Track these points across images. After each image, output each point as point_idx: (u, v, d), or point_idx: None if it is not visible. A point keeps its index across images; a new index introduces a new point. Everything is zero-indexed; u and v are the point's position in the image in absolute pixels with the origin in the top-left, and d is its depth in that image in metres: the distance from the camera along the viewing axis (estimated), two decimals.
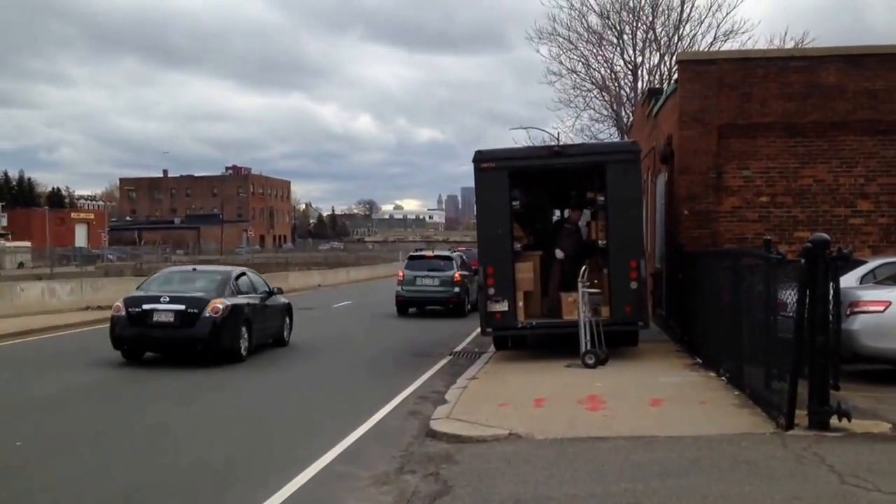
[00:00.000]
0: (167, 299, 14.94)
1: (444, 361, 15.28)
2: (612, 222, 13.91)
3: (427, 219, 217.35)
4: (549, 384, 11.43)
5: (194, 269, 17.65)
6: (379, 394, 11.64)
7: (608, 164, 14.03)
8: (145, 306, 14.83)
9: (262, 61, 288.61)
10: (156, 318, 14.76)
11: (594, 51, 38.35)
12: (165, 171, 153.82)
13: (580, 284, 13.28)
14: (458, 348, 17.17)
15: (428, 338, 19.44)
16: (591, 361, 12.84)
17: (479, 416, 9.39)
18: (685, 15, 36.57)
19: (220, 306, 14.87)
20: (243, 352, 15.29)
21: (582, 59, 38.71)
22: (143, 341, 15.13)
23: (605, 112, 39.53)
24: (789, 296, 8.84)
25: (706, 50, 33.05)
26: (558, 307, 14.43)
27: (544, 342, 15.47)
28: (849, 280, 11.75)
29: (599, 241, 14.45)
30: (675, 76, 17.30)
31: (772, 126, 15.93)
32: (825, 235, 8.66)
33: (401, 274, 26.25)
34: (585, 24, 38.01)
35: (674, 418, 9.03)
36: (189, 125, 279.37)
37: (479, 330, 15.37)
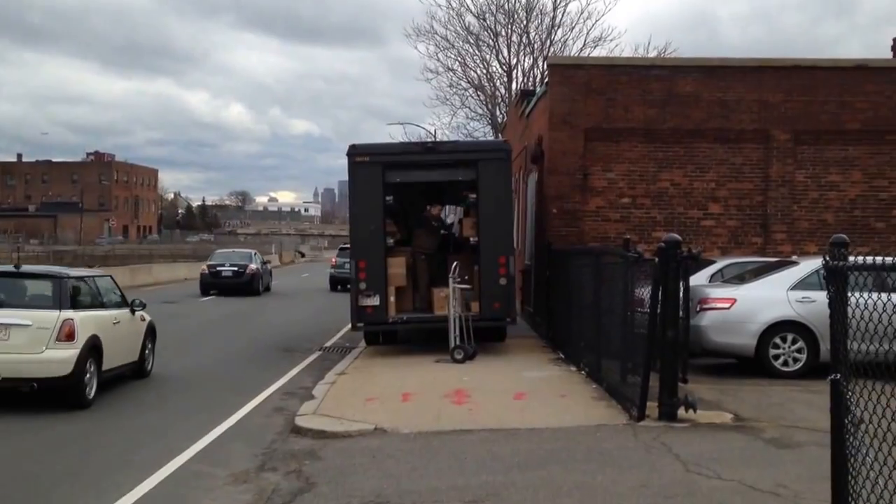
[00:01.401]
0: None
1: (313, 356, 15.21)
2: (483, 219, 14.22)
3: (303, 211, 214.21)
4: (418, 379, 11.60)
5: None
6: (243, 390, 11.47)
7: (480, 162, 14.33)
8: None
9: (125, 44, 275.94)
10: None
11: (471, 50, 38.99)
12: (19, 156, 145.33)
13: (451, 280, 13.51)
14: (329, 343, 17.12)
15: (299, 332, 19.29)
16: (459, 356, 13.09)
17: (345, 412, 9.44)
18: (558, 20, 37.74)
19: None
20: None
21: (459, 59, 39.28)
22: None
23: (480, 111, 40.23)
24: (644, 293, 9.31)
25: (576, 55, 34.15)
26: (430, 302, 14.64)
27: (415, 337, 15.65)
28: (699, 279, 12.49)
29: (471, 238, 14.74)
30: (547, 79, 17.84)
31: (634, 131, 16.69)
32: (677, 236, 9.18)
33: (333, 260, 35.51)
34: (463, 24, 38.58)
35: (535, 411, 9.35)
36: (45, 107, 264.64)
37: (350, 325, 15.39)
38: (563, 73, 17.17)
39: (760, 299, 11.53)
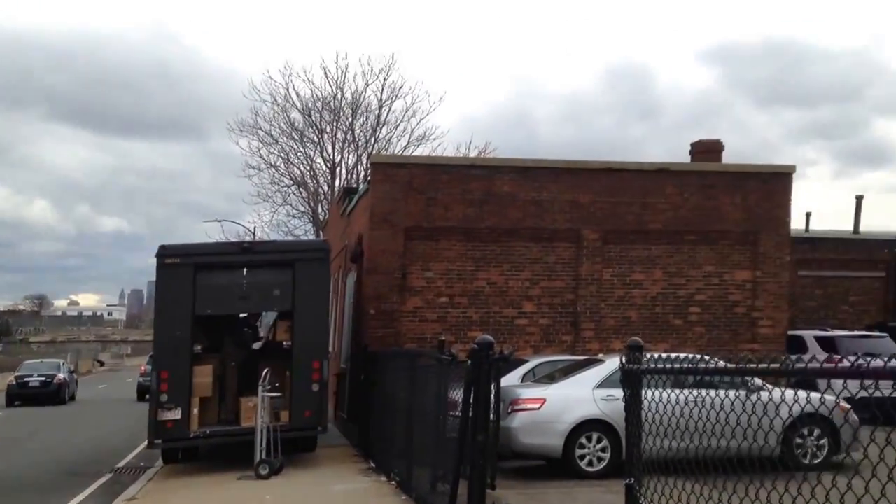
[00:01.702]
0: None
1: (103, 480, 13.64)
2: (298, 322, 13.50)
3: (106, 315, 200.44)
4: (216, 500, 10.55)
5: None
6: None
7: (297, 262, 13.70)
8: None
9: None
10: None
11: (295, 147, 38.64)
12: None
13: (260, 388, 12.60)
14: (122, 463, 15.51)
15: (91, 451, 17.50)
16: (264, 472, 12.10)
17: None
18: (383, 118, 38.19)
19: None
20: None
21: (282, 155, 38.79)
22: None
23: (302, 208, 39.67)
24: (459, 395, 8.89)
25: (400, 153, 34.60)
26: (238, 413, 13.58)
27: (221, 451, 14.45)
28: (511, 378, 12.27)
29: (285, 343, 13.92)
30: (370, 177, 17.68)
31: (453, 230, 16.66)
32: (489, 337, 8.83)
33: (143, 368, 34.78)
34: (288, 120, 38.30)
35: None
36: None
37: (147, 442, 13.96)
38: (386, 171, 17.05)
39: (568, 398, 11.42)
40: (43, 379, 33.29)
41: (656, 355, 4.39)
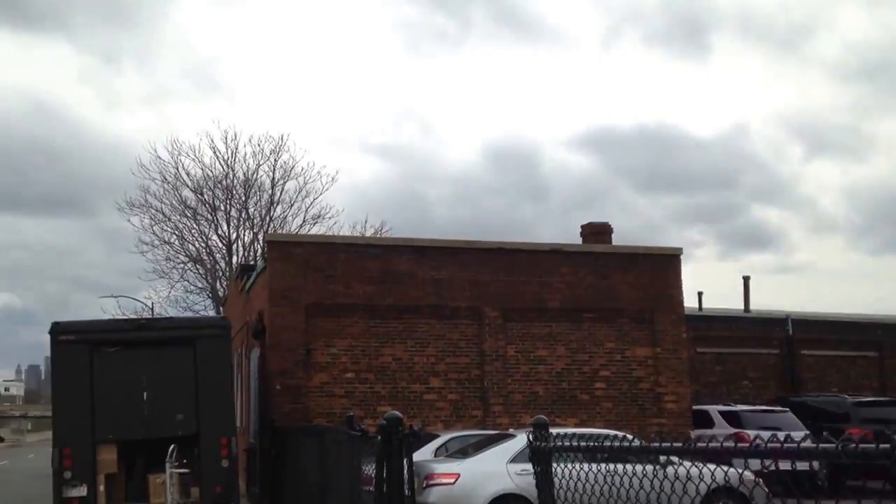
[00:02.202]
0: None
1: None
2: (203, 399, 13.68)
3: (3, 391, 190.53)
4: None
5: None
6: None
7: (198, 339, 13.91)
8: None
9: None
10: None
11: (188, 224, 38.30)
12: None
13: (168, 465, 12.69)
14: None
15: None
16: None
17: None
18: (277, 197, 38.42)
19: None
20: None
21: (176, 232, 38.34)
22: None
23: (200, 284, 39.19)
24: (370, 471, 9.35)
25: (296, 231, 34.93)
26: (146, 490, 13.55)
27: None
28: (424, 453, 12.75)
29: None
30: (266, 254, 18.07)
31: (355, 307, 17.15)
32: (397, 413, 9.41)
33: None
34: (180, 198, 38.04)
35: None
36: None
37: None
38: (282, 249, 17.45)
39: (482, 473, 11.83)
40: None
41: (564, 431, 4.87)
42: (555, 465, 5.10)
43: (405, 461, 9.61)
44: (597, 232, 21.18)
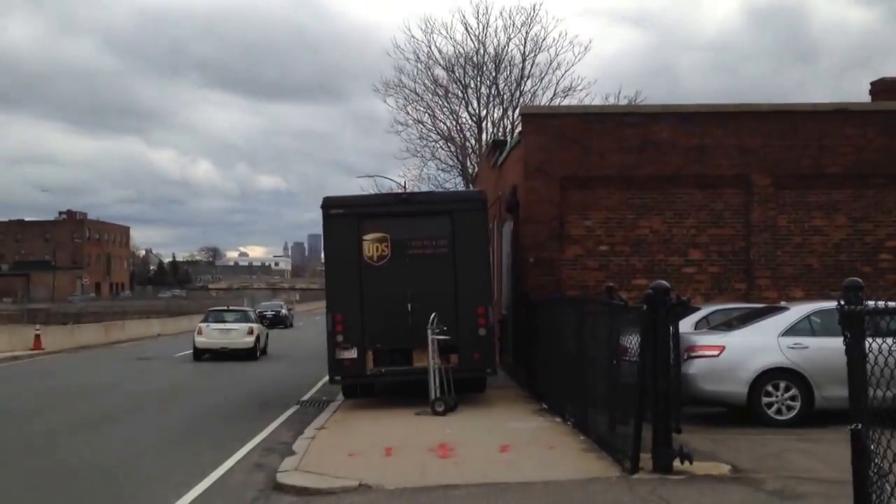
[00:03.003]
0: None
1: (291, 411, 14.74)
2: (461, 269, 13.98)
3: (273, 265, 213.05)
4: (399, 432, 11.21)
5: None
6: (222, 446, 10.99)
7: (455, 212, 14.15)
8: None
9: (91, 104, 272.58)
10: None
11: (440, 102, 39.12)
12: None
13: (429, 331, 13.20)
14: (306, 397, 16.65)
15: (275, 386, 18.83)
16: (440, 409, 12.73)
17: (327, 467, 9.03)
18: (527, 71, 38.04)
19: None
20: None
21: (428, 111, 39.37)
22: None
23: (451, 162, 40.26)
24: (631, 341, 9.07)
25: (547, 104, 34.38)
26: (409, 354, 14.26)
27: (395, 389, 15.25)
28: (684, 326, 12.23)
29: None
30: (519, 129, 17.83)
31: (610, 178, 16.62)
32: (665, 283, 8.97)
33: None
34: (432, 77, 38.78)
35: (523, 464, 9.01)
36: (13, 168, 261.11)
37: (327, 377, 14.98)
38: (537, 122, 17.14)
39: (750, 346, 11.30)
40: (274, 312, 52.79)
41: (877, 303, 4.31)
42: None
43: (671, 331, 9.25)
44: (890, 89, 18.74)
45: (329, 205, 14.12)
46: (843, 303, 4.21)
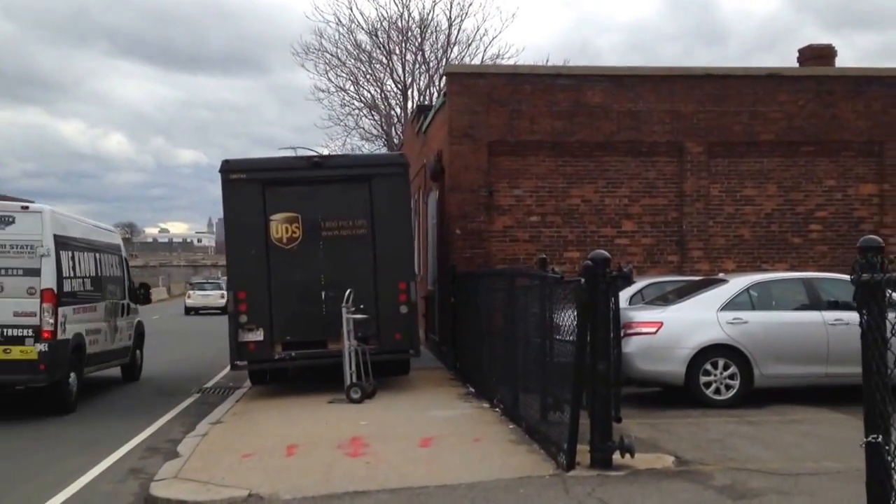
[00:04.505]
0: None
1: (190, 400, 13.37)
2: (380, 242, 12.74)
3: (196, 242, 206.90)
4: (307, 425, 9.98)
5: None
6: (97, 446, 9.59)
7: (374, 177, 12.86)
8: None
9: None
10: None
11: (363, 69, 37.63)
12: None
13: (344, 310, 11.95)
14: (210, 383, 15.26)
15: (178, 370, 17.38)
16: (356, 396, 11.53)
17: (215, 473, 7.75)
18: (453, 38, 36.81)
19: None
20: None
21: (351, 78, 37.84)
22: None
23: (375, 131, 38.88)
24: (565, 318, 8.03)
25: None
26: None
27: (309, 374, 13.97)
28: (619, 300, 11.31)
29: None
30: (445, 90, 16.58)
31: (541, 144, 15.58)
32: (604, 252, 7.91)
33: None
34: (354, 42, 37.23)
35: (446, 461, 7.88)
36: None
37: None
38: (463, 82, 15.88)
39: (688, 322, 10.44)
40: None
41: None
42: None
43: (612, 307, 8.23)
44: (818, 56, 18.12)
45: (229, 169, 12.65)
46: (857, 270, 3.14)
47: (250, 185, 12.57)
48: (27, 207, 12.04)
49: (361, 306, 12.32)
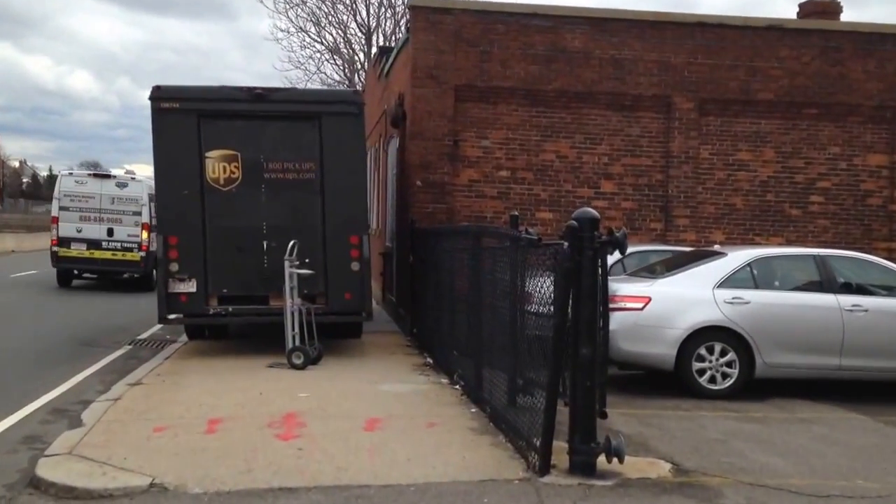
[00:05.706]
0: None
1: (120, 352, 12.04)
2: (329, 189, 11.33)
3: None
4: (238, 394, 8.65)
5: None
6: None
7: (324, 115, 11.38)
8: None
9: None
10: None
11: (326, 10, 35.70)
12: None
13: (287, 263, 10.57)
14: (145, 335, 13.82)
15: (116, 319, 15.91)
16: (298, 361, 10.22)
17: (117, 450, 6.40)
18: None
19: None
20: None
21: (312, 19, 35.90)
22: None
23: (337, 77, 37.09)
24: (541, 288, 6.77)
25: None
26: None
27: (252, 331, 12.61)
28: None
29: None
30: (409, 26, 15.07)
31: (513, 91, 14.22)
32: (593, 211, 6.58)
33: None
34: None
35: (394, 453, 6.61)
36: None
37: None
38: (429, 17, 14.29)
39: (681, 299, 9.23)
40: None
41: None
42: None
43: (600, 278, 6.99)
44: (821, 12, 16.84)
45: (160, 96, 11.08)
46: None
47: (184, 115, 11.04)
48: (134, 178, 22.21)
49: (307, 260, 10.96)
